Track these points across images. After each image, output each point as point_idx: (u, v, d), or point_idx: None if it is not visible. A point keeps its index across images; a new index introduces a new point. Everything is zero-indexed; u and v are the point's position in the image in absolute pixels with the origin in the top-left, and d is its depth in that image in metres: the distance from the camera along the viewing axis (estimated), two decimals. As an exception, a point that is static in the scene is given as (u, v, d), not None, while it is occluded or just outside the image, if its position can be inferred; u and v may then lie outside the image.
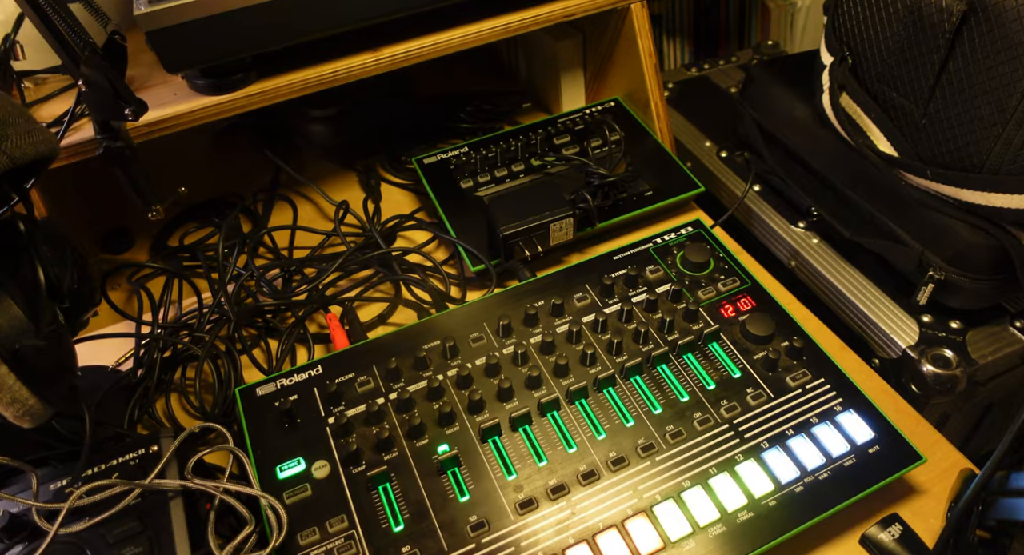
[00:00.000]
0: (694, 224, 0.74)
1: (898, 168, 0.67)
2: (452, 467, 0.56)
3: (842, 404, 0.59)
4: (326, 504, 0.55)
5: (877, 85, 0.68)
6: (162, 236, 0.89)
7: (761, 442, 0.57)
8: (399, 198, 0.92)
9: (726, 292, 0.67)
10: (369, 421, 0.59)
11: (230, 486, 0.56)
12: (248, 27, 0.68)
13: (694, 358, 0.63)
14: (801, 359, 0.62)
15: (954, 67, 0.61)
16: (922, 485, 0.59)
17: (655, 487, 0.55)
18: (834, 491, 0.54)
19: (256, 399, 0.62)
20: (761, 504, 0.53)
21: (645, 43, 0.83)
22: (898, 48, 0.64)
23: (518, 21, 0.78)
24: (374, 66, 0.75)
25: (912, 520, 0.56)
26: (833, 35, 0.71)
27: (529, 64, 1.02)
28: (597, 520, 0.53)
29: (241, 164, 0.98)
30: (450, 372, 0.62)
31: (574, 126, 0.88)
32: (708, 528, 0.52)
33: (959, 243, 0.65)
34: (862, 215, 0.73)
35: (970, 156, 0.62)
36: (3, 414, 0.49)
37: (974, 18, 0.58)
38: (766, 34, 1.13)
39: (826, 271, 0.76)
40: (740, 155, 0.91)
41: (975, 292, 0.66)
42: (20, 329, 0.49)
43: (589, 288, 0.68)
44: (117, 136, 0.67)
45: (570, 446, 0.57)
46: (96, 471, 0.58)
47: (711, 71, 1.06)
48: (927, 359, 0.66)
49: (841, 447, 0.56)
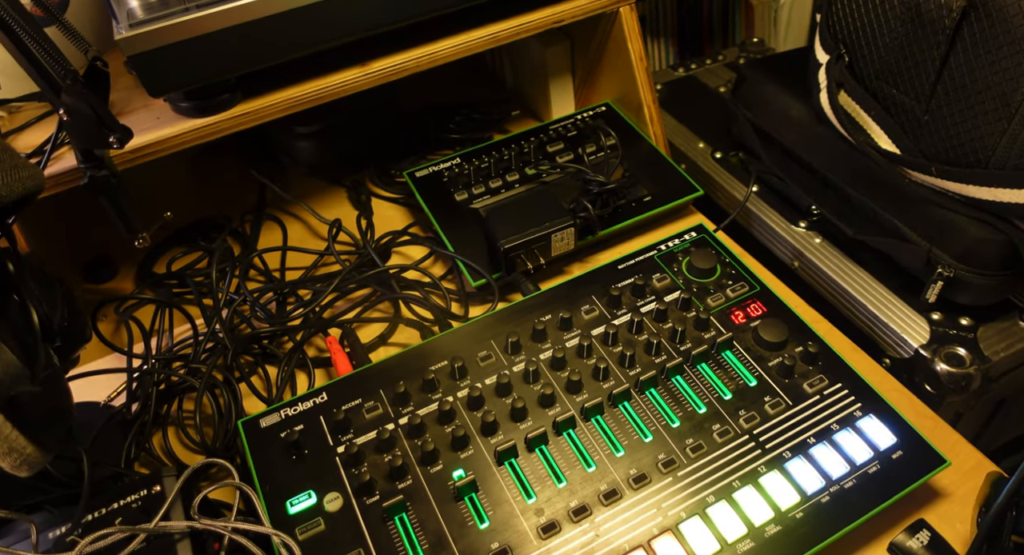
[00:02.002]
0: (697, 229, 0.73)
1: (901, 165, 0.67)
2: (469, 493, 0.55)
3: (862, 409, 0.58)
4: (341, 538, 0.53)
5: (876, 82, 0.68)
6: (147, 263, 0.86)
7: (783, 452, 0.56)
8: (391, 213, 0.90)
9: (735, 298, 0.66)
10: (380, 448, 0.57)
11: (240, 525, 0.54)
12: (232, 47, 0.65)
13: (708, 368, 0.61)
14: (817, 364, 0.61)
15: (955, 63, 0.60)
16: (946, 488, 0.58)
17: (679, 504, 0.53)
18: (860, 499, 0.53)
19: (260, 431, 0.60)
20: (788, 516, 0.52)
21: (636, 46, 0.82)
22: (897, 45, 0.64)
23: (507, 29, 0.76)
24: (363, 81, 0.73)
25: (939, 525, 0.55)
26: (827, 33, 0.71)
27: (516, 71, 1.00)
28: (623, 541, 0.52)
29: (224, 185, 0.95)
30: (460, 393, 0.61)
31: (566, 132, 0.87)
32: (736, 544, 0.51)
33: (967, 239, 0.64)
34: (865, 213, 0.73)
35: (975, 152, 0.61)
36: (0, 465, 0.47)
37: (974, 14, 0.57)
38: (750, 31, 1.13)
39: (831, 271, 0.75)
40: (735, 155, 0.90)
41: (984, 288, 0.66)
42: (15, 375, 0.47)
43: (596, 299, 0.67)
44: (101, 164, 0.65)
45: (589, 465, 0.56)
46: (97, 516, 0.56)
47: (698, 71, 1.05)
48: (940, 358, 0.66)
49: (864, 454, 0.55)
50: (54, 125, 0.72)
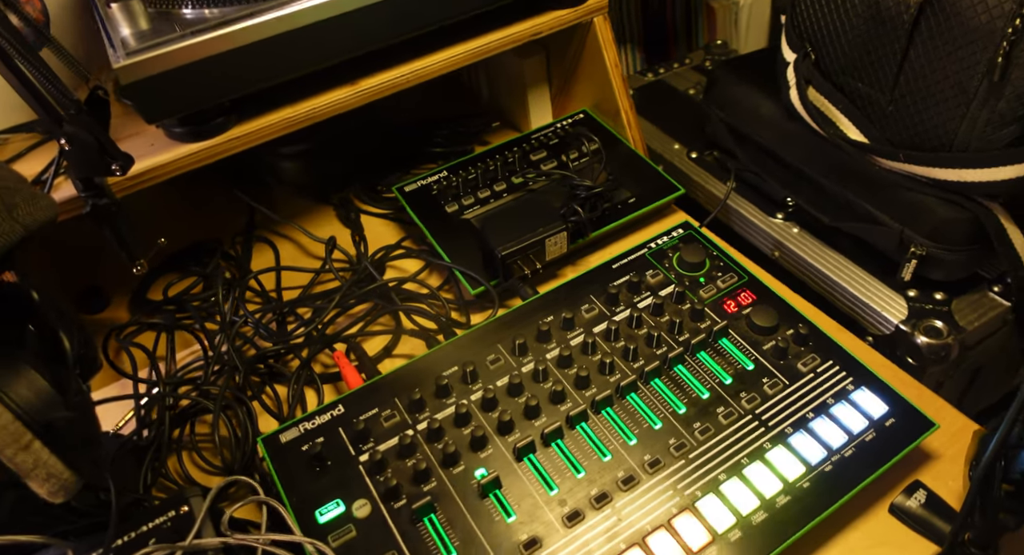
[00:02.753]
0: (684, 226, 0.76)
1: (870, 154, 0.71)
2: (494, 489, 0.57)
3: (853, 382, 0.62)
4: (374, 542, 0.55)
5: (842, 77, 0.72)
6: (140, 291, 0.86)
7: (785, 428, 0.59)
8: (381, 229, 0.91)
9: (726, 288, 0.70)
10: (402, 454, 0.59)
11: (272, 536, 0.55)
12: (228, 71, 0.67)
13: (708, 355, 0.65)
14: (808, 345, 0.65)
15: (915, 55, 0.65)
16: (936, 451, 0.62)
17: (694, 484, 0.56)
18: (861, 465, 0.57)
19: (281, 446, 0.61)
20: (796, 487, 0.56)
21: (610, 54, 0.86)
22: (859, 41, 0.68)
23: (490, 43, 0.79)
24: (353, 99, 0.75)
25: (933, 484, 0.59)
26: (793, 32, 0.75)
27: (492, 85, 1.03)
28: (644, 523, 0.54)
29: (211, 208, 0.96)
30: (474, 396, 0.63)
31: (548, 141, 0.90)
32: (751, 516, 0.54)
33: (936, 219, 0.69)
34: (839, 201, 0.77)
35: (939, 137, 0.66)
36: (37, 492, 0.48)
37: (930, 8, 0.62)
38: (713, 34, 1.17)
39: (810, 258, 0.80)
40: (710, 154, 0.94)
41: (955, 263, 0.70)
42: (49, 401, 0.47)
43: (595, 298, 0.70)
44: (102, 193, 0.66)
45: (604, 454, 0.58)
46: (127, 540, 0.57)
47: (667, 75, 1.10)
48: (920, 331, 0.70)
49: (860, 423, 0.59)
50: (45, 156, 0.73)
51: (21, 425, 0.45)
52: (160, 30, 0.66)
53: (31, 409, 0.46)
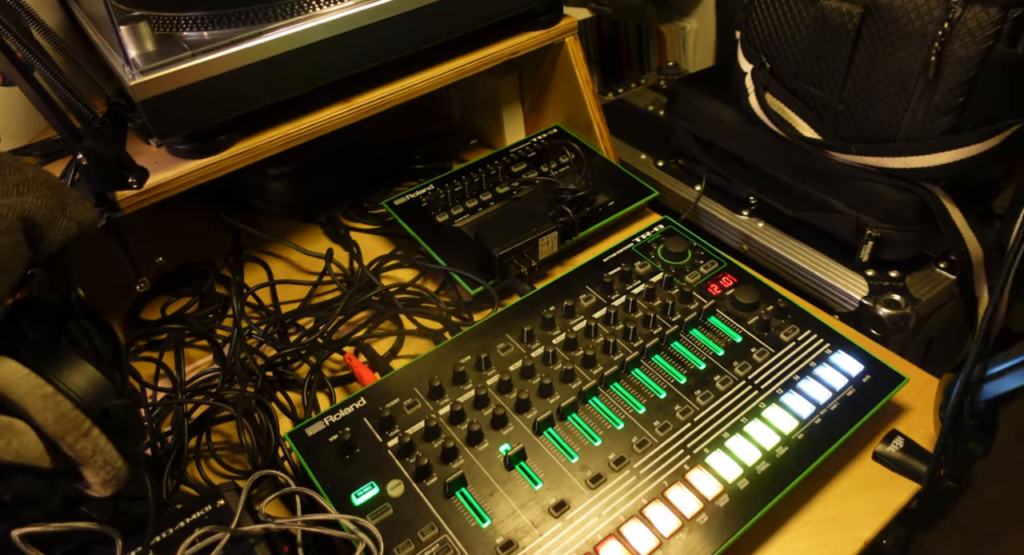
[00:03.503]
0: (664, 222, 0.83)
1: (824, 149, 0.80)
2: (519, 461, 0.61)
3: (830, 347, 0.68)
4: (411, 517, 0.58)
5: (795, 82, 0.81)
6: (133, 311, 0.87)
7: (776, 389, 0.65)
8: (371, 243, 0.95)
9: (709, 273, 0.76)
10: (428, 437, 0.63)
11: (310, 517, 0.58)
12: (236, 89, 0.70)
13: (699, 332, 0.71)
14: (787, 317, 0.71)
15: (860, 59, 0.74)
16: (907, 403, 0.69)
17: (701, 443, 0.61)
18: (845, 417, 0.63)
19: (308, 439, 0.64)
20: (791, 439, 0.61)
21: (582, 71, 0.93)
22: (809, 49, 0.77)
23: (471, 62, 0.85)
24: (347, 116, 0.80)
25: (907, 432, 0.66)
26: (748, 45, 0.84)
27: (465, 104, 1.09)
28: (662, 479, 0.59)
29: (189, 232, 0.98)
30: (490, 381, 0.67)
31: (526, 154, 0.96)
32: (755, 466, 0.60)
33: (887, 203, 0.77)
34: (800, 195, 0.85)
35: (884, 130, 0.75)
36: (92, 481, 0.49)
37: (870, 18, 0.71)
38: (663, 56, 1.27)
39: (776, 248, 0.87)
40: (675, 162, 1.02)
41: (905, 242, 0.79)
42: (102, 389, 0.49)
43: (591, 288, 0.75)
44: (115, 207, 0.68)
45: (617, 424, 0.63)
46: (166, 535, 0.58)
47: (625, 94, 1.18)
48: (881, 304, 0.78)
49: (840, 381, 0.65)
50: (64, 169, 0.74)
51: (81, 413, 0.47)
52: (167, 51, 0.69)
53: (88, 397, 0.48)
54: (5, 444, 0.42)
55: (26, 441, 0.44)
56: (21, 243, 0.41)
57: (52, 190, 0.47)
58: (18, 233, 0.40)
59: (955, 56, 0.67)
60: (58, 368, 0.48)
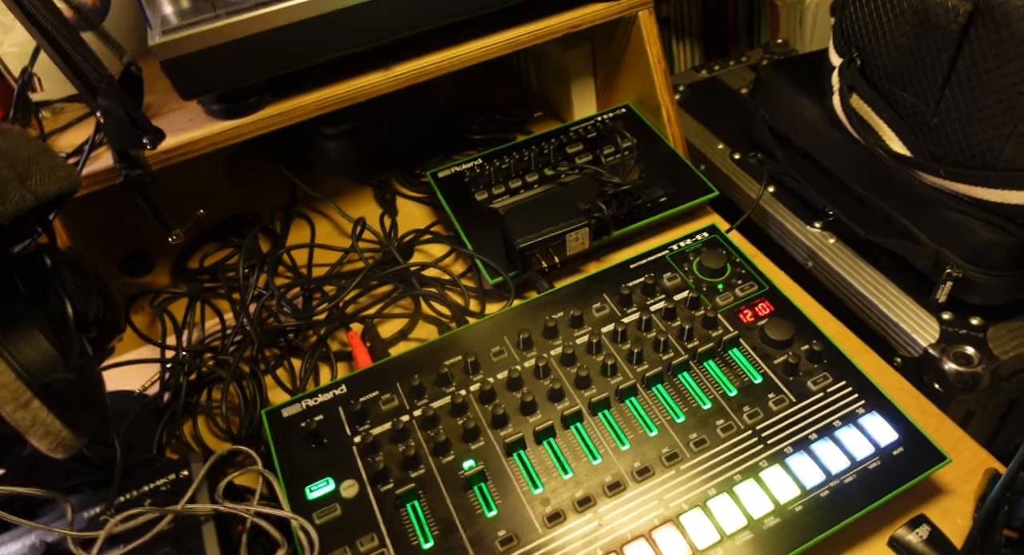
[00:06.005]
0: (709, 230, 0.74)
1: (911, 167, 0.67)
2: (479, 482, 0.57)
3: (864, 406, 0.59)
4: (356, 523, 0.56)
5: (887, 85, 0.68)
6: (182, 258, 0.90)
7: (785, 447, 0.57)
8: (415, 212, 0.92)
9: (744, 297, 0.68)
10: (395, 439, 0.60)
11: (261, 508, 0.57)
12: (261, 52, 0.69)
13: (715, 365, 0.63)
14: (822, 362, 0.62)
15: (963, 66, 0.60)
16: (949, 485, 0.58)
17: (681, 496, 0.55)
18: (860, 494, 0.54)
19: (282, 420, 0.63)
20: (787, 509, 0.54)
21: (654, 49, 0.83)
22: (906, 48, 0.64)
23: (524, 34, 0.78)
24: (386, 84, 0.76)
25: (940, 521, 0.56)
26: (841, 36, 0.71)
27: (540, 73, 1.02)
28: (625, 531, 0.53)
29: (256, 183, 0.99)
30: (473, 387, 0.63)
31: (586, 134, 0.88)
32: (736, 535, 0.53)
33: (976, 241, 0.64)
34: (877, 215, 0.73)
35: (983, 154, 0.62)
36: (38, 447, 0.51)
37: (980, 18, 0.57)
38: (775, 33, 1.13)
39: (844, 271, 0.76)
40: (754, 157, 0.91)
41: (994, 288, 0.66)
42: (50, 363, 0.50)
43: (607, 298, 0.69)
44: (137, 164, 0.68)
45: (594, 457, 0.58)
46: (128, 498, 0.59)
47: (721, 72, 1.06)
48: (948, 357, 0.66)
49: (865, 450, 0.56)
50: (93, 126, 0.76)
51: (22, 384, 0.47)
52: (199, 9, 0.68)
53: (33, 369, 0.48)
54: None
55: (-30, 407, 0.45)
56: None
57: (9, 162, 0.47)
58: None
59: (1085, 73, 0.54)
60: (8, 339, 0.48)
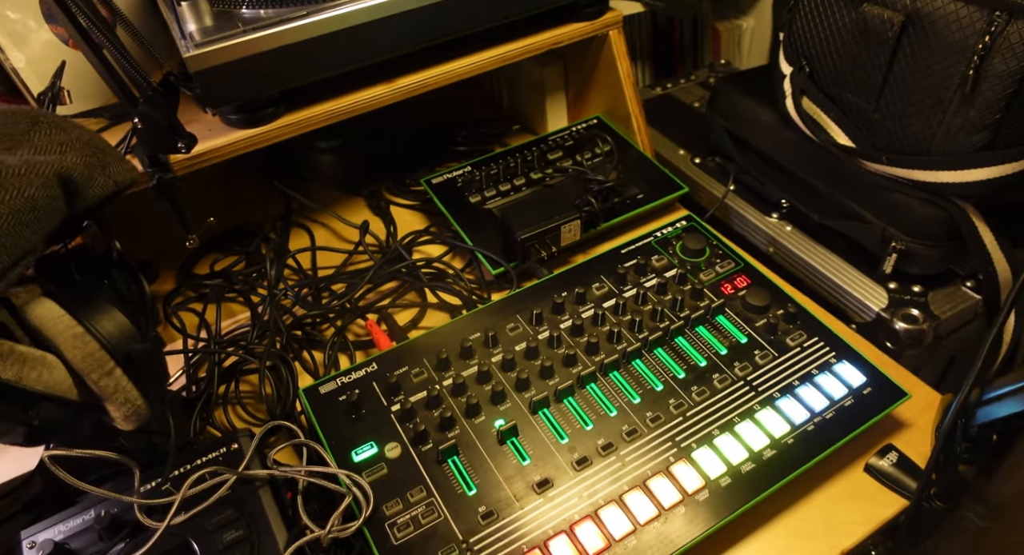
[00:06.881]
0: (687, 218, 0.84)
1: (857, 157, 0.79)
2: (511, 437, 0.64)
3: (835, 356, 0.69)
4: (403, 479, 0.61)
5: (833, 88, 0.80)
6: (187, 266, 0.94)
7: (773, 393, 0.66)
8: (408, 218, 0.99)
9: (724, 273, 0.77)
10: (429, 405, 0.66)
11: (312, 468, 0.62)
12: (283, 64, 0.75)
13: (705, 330, 0.72)
14: (796, 323, 0.72)
15: (898, 68, 0.72)
16: (908, 420, 0.69)
17: (690, 437, 0.63)
18: (839, 427, 0.64)
19: (320, 396, 0.68)
20: (781, 442, 0.62)
21: (624, 64, 0.94)
22: (849, 56, 0.76)
23: (514, 50, 0.87)
24: (389, 96, 0.83)
25: (904, 448, 0.66)
26: (790, 48, 0.83)
27: (512, 90, 1.11)
28: (645, 469, 0.61)
29: (249, 196, 1.04)
30: (495, 358, 0.70)
31: (563, 142, 0.98)
32: (740, 466, 0.61)
33: (915, 217, 0.76)
34: (829, 202, 0.85)
35: (918, 142, 0.73)
36: (114, 415, 0.55)
37: (911, 26, 0.70)
38: (717, 54, 1.26)
39: (802, 253, 0.87)
40: (712, 160, 1.02)
41: (931, 258, 0.78)
42: (129, 335, 0.55)
43: (604, 278, 0.77)
44: (167, 168, 0.73)
45: (610, 411, 0.65)
46: (183, 471, 0.63)
47: (674, 89, 1.18)
48: (898, 318, 0.77)
49: (840, 390, 0.66)
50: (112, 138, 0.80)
51: (106, 354, 0.52)
52: (222, 27, 0.74)
53: (114, 340, 0.53)
54: (36, 375, 0.48)
55: (56, 374, 0.49)
56: (57, 197, 0.45)
57: (94, 150, 0.52)
58: (55, 188, 0.45)
59: (994, 71, 0.66)
60: (91, 312, 0.53)
